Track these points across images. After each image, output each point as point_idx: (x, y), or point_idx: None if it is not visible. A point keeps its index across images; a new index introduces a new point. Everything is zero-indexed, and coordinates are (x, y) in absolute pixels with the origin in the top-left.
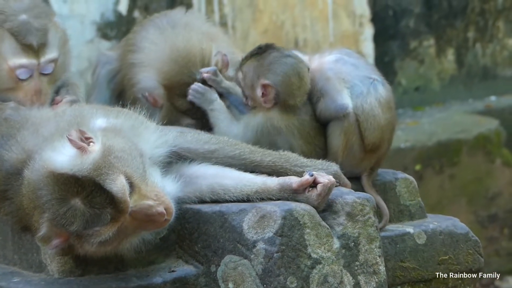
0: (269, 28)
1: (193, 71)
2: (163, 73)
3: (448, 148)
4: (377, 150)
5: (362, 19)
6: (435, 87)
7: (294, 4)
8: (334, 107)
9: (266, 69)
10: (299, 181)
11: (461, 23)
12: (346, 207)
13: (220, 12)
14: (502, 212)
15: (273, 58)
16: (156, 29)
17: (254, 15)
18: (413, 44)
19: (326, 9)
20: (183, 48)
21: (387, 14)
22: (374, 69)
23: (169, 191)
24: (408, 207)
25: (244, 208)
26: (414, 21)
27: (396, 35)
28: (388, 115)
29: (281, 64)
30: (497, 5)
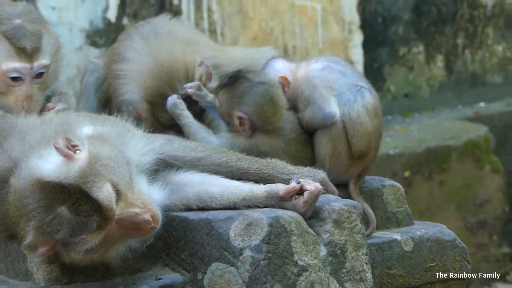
0: (258, 35)
1: (176, 85)
2: (146, 88)
3: (437, 155)
4: (364, 157)
5: (351, 26)
6: (424, 94)
7: (283, 11)
8: (322, 116)
9: (238, 101)
10: (286, 188)
11: (450, 29)
12: (333, 214)
13: (209, 19)
14: (491, 219)
15: (244, 89)
16: (139, 38)
17: (243, 22)
18: (402, 50)
19: (315, 16)
20: (166, 62)
21: (376, 20)
22: (361, 76)
23: (155, 199)
24: (395, 214)
25: (230, 216)
26: (403, 27)
27: (385, 42)
28: (375, 122)
29: (252, 94)
30: (486, 12)
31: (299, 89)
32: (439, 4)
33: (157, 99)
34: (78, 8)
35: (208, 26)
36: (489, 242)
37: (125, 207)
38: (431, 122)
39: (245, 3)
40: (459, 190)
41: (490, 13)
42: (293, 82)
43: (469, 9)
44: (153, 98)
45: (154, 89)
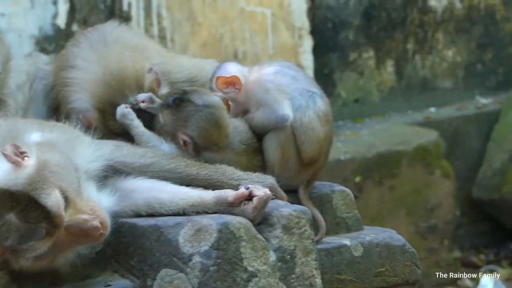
0: (208, 41)
1: (127, 93)
2: (97, 97)
3: (387, 160)
4: (314, 163)
5: (302, 32)
6: (374, 99)
7: (233, 17)
8: (275, 118)
9: (182, 124)
10: (234, 194)
11: (400, 34)
12: (282, 219)
13: (159, 25)
14: (441, 223)
15: (188, 113)
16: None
17: (193, 28)
18: (352, 56)
19: (265, 22)
20: (116, 70)
21: (326, 26)
22: (313, 82)
23: (104, 205)
24: (345, 219)
25: (180, 222)
26: (354, 33)
27: (336, 47)
28: (326, 129)
29: (197, 119)
30: (436, 17)
31: (251, 92)
32: (389, 9)
33: (107, 108)
34: (28, 14)
35: (157, 33)
36: (440, 247)
37: (74, 214)
38: (382, 127)
39: (194, 9)
40: (409, 195)
41: (440, 18)
42: (245, 85)
43: (419, 14)
44: (104, 106)
45: (105, 97)
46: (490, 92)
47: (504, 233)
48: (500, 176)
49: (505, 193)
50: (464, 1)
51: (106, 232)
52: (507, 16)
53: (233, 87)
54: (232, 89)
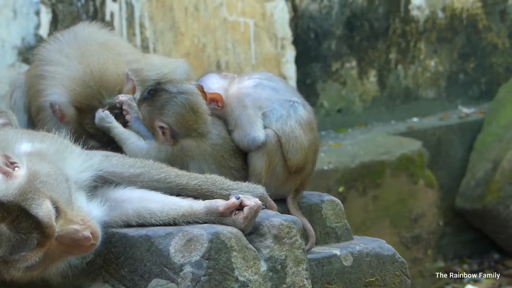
0: (190, 51)
1: (105, 96)
2: (75, 94)
3: (371, 170)
4: (301, 171)
5: (284, 42)
6: (357, 109)
7: (215, 27)
8: (247, 140)
9: (158, 113)
10: (225, 204)
11: (383, 44)
12: (273, 229)
13: (141, 35)
14: (425, 233)
15: (163, 100)
16: (62, 43)
17: (176, 38)
18: (335, 66)
19: (248, 31)
20: (97, 71)
21: (309, 36)
22: (294, 91)
23: (95, 215)
24: (335, 229)
25: (170, 232)
26: (336, 43)
27: (318, 57)
28: (310, 136)
29: (172, 105)
30: (418, 27)
31: (230, 107)
32: (372, 19)
33: (84, 107)
34: (10, 24)
35: (140, 42)
36: (424, 257)
37: (65, 224)
38: (365, 137)
39: (177, 19)
40: (393, 205)
41: (422, 28)
42: (225, 99)
43: (401, 24)
44: (80, 105)
45: (83, 96)
46: (472, 102)
47: (488, 243)
48: (483, 186)
49: (488, 203)
50: (446, 11)
51: (97, 243)
52: (489, 26)
53: (215, 104)
54: (214, 105)
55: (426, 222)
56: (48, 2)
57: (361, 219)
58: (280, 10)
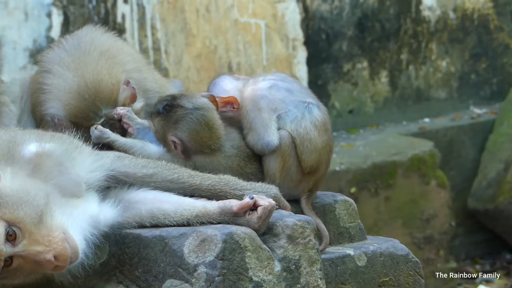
0: (202, 53)
1: (100, 107)
2: (70, 108)
3: (383, 170)
4: (315, 172)
5: (295, 43)
6: (369, 110)
7: (227, 29)
8: (261, 144)
9: (173, 127)
10: (239, 204)
11: (394, 45)
12: (287, 229)
13: (153, 37)
14: (437, 234)
15: (179, 116)
16: (63, 50)
17: (187, 40)
18: (346, 67)
19: (259, 33)
20: (91, 83)
21: (320, 37)
22: (308, 92)
23: (107, 216)
24: (348, 229)
25: (184, 232)
26: (347, 43)
27: (329, 58)
28: (324, 138)
29: (187, 121)
30: (429, 27)
31: (245, 109)
32: (383, 20)
33: (80, 120)
34: (22, 27)
35: (152, 44)
36: (436, 258)
37: (29, 245)
38: (376, 138)
39: (188, 21)
40: (405, 205)
41: (434, 28)
42: (240, 101)
43: (412, 24)
44: (76, 119)
45: (78, 110)
46: (484, 102)
47: (500, 243)
48: (495, 186)
49: (500, 203)
50: (458, 11)
51: (65, 264)
52: (501, 26)
53: (230, 106)
54: (229, 108)
55: (438, 222)
56: (59, 4)
57: (373, 220)
58: (291, 11)
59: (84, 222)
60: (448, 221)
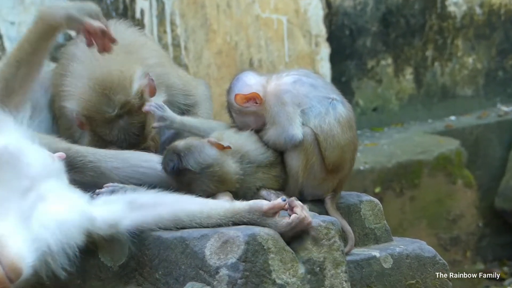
0: (223, 49)
1: (112, 98)
2: (83, 103)
3: (408, 170)
4: (339, 170)
5: (318, 39)
6: (393, 107)
7: (248, 24)
8: (284, 138)
9: (188, 189)
10: (270, 203)
11: (419, 41)
12: (311, 231)
13: (172, 33)
14: (464, 235)
15: (189, 179)
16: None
17: (208, 36)
18: (370, 63)
19: (281, 29)
20: (100, 75)
21: (344, 33)
22: (333, 88)
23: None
24: (374, 230)
25: (205, 234)
26: (371, 40)
27: (353, 55)
28: (348, 135)
29: (198, 184)
30: (455, 23)
31: (268, 104)
32: (408, 15)
33: (93, 115)
34: None
35: (171, 41)
36: (463, 259)
37: None
38: (401, 136)
39: (209, 16)
40: (431, 205)
41: (460, 24)
42: (264, 96)
43: (438, 20)
44: (90, 113)
45: (90, 104)
46: (511, 100)
47: None
48: None
49: None
50: (484, 6)
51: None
52: None
53: (253, 102)
54: (252, 103)
55: (465, 223)
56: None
57: (398, 220)
58: (314, 6)
59: (46, 226)
60: (475, 221)
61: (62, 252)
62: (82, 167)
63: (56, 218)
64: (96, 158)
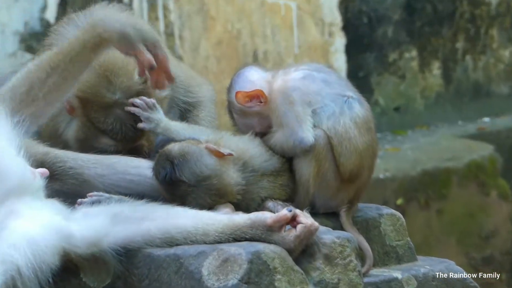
0: (223, 39)
1: (113, 81)
2: (79, 83)
3: (435, 179)
4: (355, 179)
5: (332, 28)
6: (418, 107)
7: (252, 10)
8: (293, 141)
9: (181, 202)
10: (275, 216)
11: (448, 31)
12: (324, 248)
13: (165, 20)
14: (498, 254)
15: (184, 192)
16: (75, 28)
17: (206, 23)
18: (392, 56)
19: (290, 16)
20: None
21: (361, 21)
22: (348, 85)
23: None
24: (395, 248)
25: (203, 251)
26: (393, 29)
27: (372, 46)
28: (367, 138)
29: (195, 197)
30: (490, 11)
31: (274, 103)
32: (435, 1)
33: (89, 97)
34: (11, 7)
35: (164, 28)
36: (497, 282)
37: None
38: (427, 140)
39: (207, 1)
40: (461, 220)
41: (495, 11)
42: (269, 94)
43: (470, 7)
44: (85, 94)
45: (87, 84)
46: None
47: None
48: None
49: None
50: None
51: None
52: None
53: (257, 100)
54: (256, 102)
55: (499, 240)
56: None
57: (423, 237)
58: None
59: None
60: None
61: (33, 275)
62: (61, 174)
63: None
64: (78, 164)
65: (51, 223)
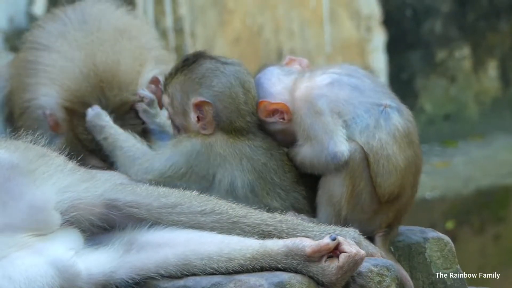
0: (241, 36)
1: (106, 94)
2: (66, 92)
3: (491, 198)
4: (395, 200)
5: (371, 22)
6: (471, 114)
7: (276, 2)
8: (325, 157)
9: (197, 84)
10: (315, 244)
11: (506, 25)
12: (359, 278)
13: (174, 15)
14: None
15: (206, 70)
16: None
17: (221, 18)
18: (440, 55)
19: (321, 8)
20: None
21: (404, 15)
22: (386, 90)
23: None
24: (443, 278)
25: (218, 282)
26: (442, 23)
27: (417, 43)
28: (408, 153)
29: (217, 75)
30: None
31: (298, 114)
32: None
33: (78, 108)
34: None
35: (172, 25)
36: None
37: None
38: (482, 153)
39: None
40: None
41: None
42: (291, 105)
43: None
44: (73, 105)
45: (76, 93)
46: None
47: None
48: None
49: None
50: None
51: None
52: None
53: (279, 116)
54: (278, 118)
55: None
56: None
57: (477, 266)
58: None
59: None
60: None
61: None
62: None
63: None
64: None
65: (57, 260)
